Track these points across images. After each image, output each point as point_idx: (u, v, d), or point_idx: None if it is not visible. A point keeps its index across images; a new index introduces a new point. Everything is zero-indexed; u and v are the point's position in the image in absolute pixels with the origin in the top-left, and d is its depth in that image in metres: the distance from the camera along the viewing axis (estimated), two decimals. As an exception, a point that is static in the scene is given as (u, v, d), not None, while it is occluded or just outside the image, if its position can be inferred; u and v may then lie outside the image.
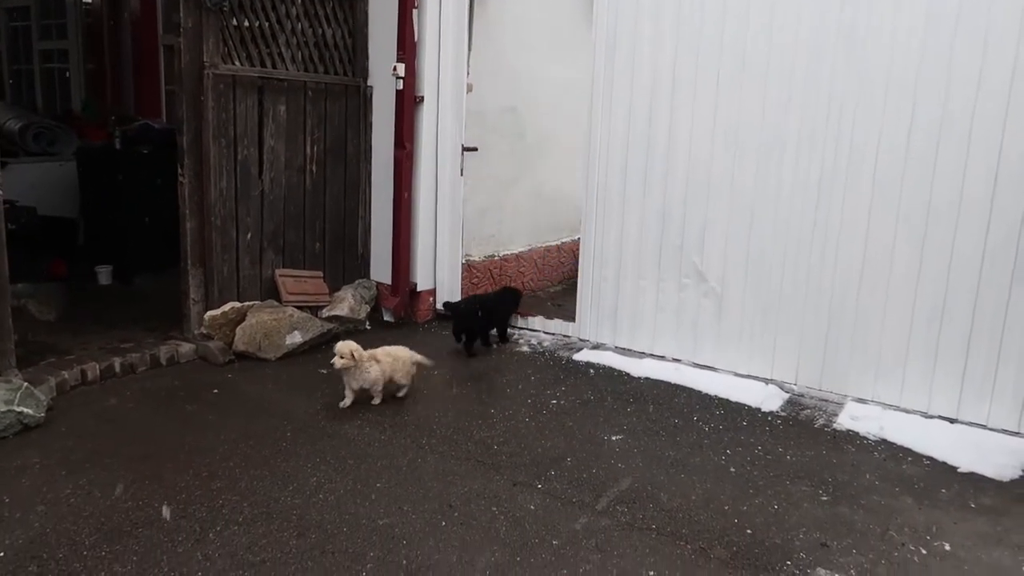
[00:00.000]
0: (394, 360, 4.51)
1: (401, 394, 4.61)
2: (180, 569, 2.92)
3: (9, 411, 3.87)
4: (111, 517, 3.24)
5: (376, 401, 4.49)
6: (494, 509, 3.43)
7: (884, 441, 4.23)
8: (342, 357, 4.28)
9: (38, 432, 3.97)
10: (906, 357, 4.52)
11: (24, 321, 5.18)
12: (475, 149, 6.16)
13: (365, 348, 4.42)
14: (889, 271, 4.51)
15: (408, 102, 5.83)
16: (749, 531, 3.33)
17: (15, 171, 6.79)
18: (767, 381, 4.91)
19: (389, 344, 4.61)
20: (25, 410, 3.93)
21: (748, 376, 5.00)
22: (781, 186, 4.81)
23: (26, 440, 3.88)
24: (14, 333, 4.40)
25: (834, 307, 4.72)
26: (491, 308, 5.68)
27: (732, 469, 3.88)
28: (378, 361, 4.43)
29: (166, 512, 3.27)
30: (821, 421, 4.47)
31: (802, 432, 4.33)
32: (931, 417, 4.42)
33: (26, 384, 4.09)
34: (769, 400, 4.68)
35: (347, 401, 4.44)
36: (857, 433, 4.32)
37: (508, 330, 5.84)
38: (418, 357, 4.66)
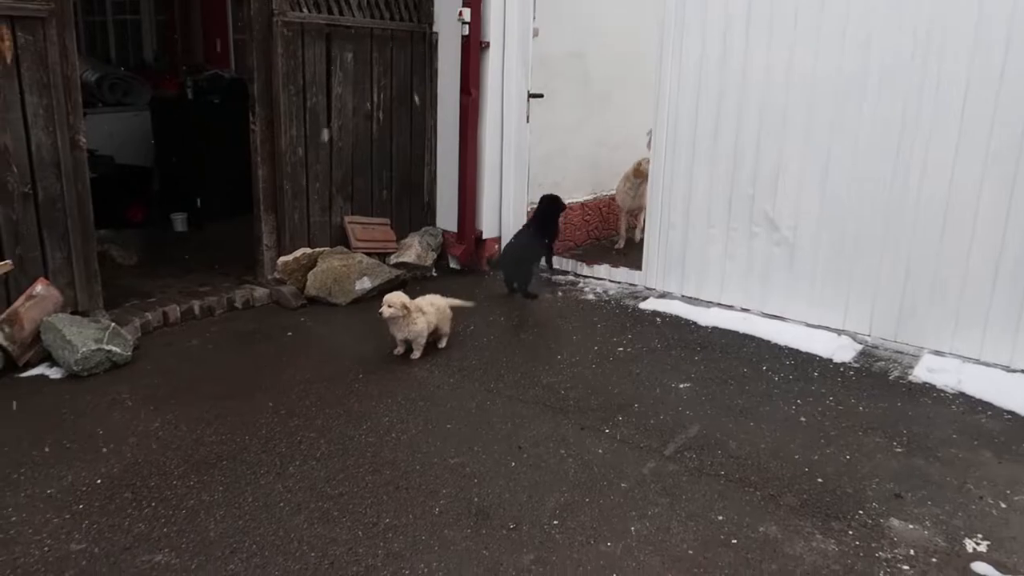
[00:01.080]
0: (438, 310, 4.46)
1: (442, 344, 4.58)
2: (263, 500, 3.05)
3: (99, 349, 4.06)
4: (197, 450, 3.40)
5: (416, 355, 4.40)
6: (562, 452, 3.47)
7: (962, 394, 4.11)
8: (391, 307, 4.26)
9: (126, 370, 4.16)
10: (989, 308, 4.35)
11: (107, 265, 5.39)
12: (541, 95, 6.09)
13: (429, 295, 4.48)
14: (974, 217, 4.32)
15: (474, 48, 5.77)
16: (820, 480, 3.30)
17: (93, 121, 6.97)
18: (839, 332, 4.81)
19: (449, 292, 4.65)
20: (113, 348, 4.12)
21: (819, 326, 4.89)
22: (859, 130, 4.63)
23: (115, 377, 4.08)
24: (100, 276, 4.60)
25: (913, 256, 4.56)
26: (522, 251, 5.62)
27: (802, 419, 3.84)
28: (424, 312, 4.38)
29: None
30: (896, 373, 4.36)
31: (876, 384, 4.24)
32: (1014, 371, 4.27)
33: (113, 324, 4.29)
34: (841, 351, 4.58)
35: (400, 349, 4.49)
36: (934, 386, 4.20)
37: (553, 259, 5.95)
38: (456, 302, 4.63)
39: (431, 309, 4.44)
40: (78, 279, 4.47)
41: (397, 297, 4.33)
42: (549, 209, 5.70)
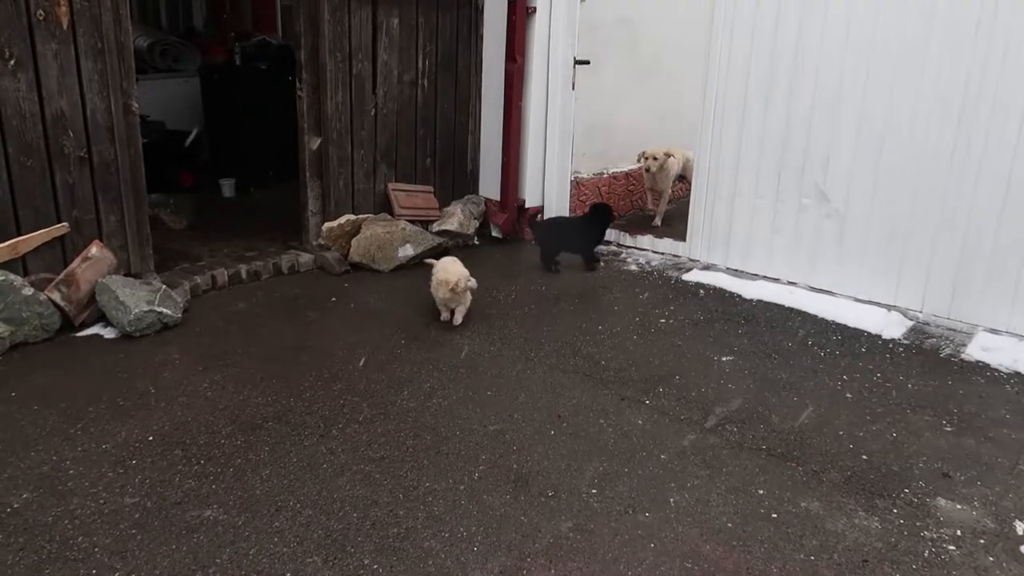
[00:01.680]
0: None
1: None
2: (307, 460, 3.12)
3: (151, 311, 4.17)
4: (244, 410, 3.48)
5: (458, 320, 4.45)
6: (602, 422, 3.47)
7: (1018, 374, 3.99)
8: (458, 291, 4.31)
9: (176, 331, 4.27)
10: (1049, 286, 4.20)
11: (158, 229, 5.50)
12: (587, 62, 6.00)
13: (473, 263, 4.49)
14: (1037, 193, 4.16)
15: (520, 13, 5.69)
16: (865, 457, 3.24)
17: (144, 87, 7.06)
18: (889, 308, 4.69)
19: (491, 261, 4.63)
20: (164, 310, 4.22)
21: (869, 302, 4.79)
22: (918, 103, 4.46)
23: (166, 338, 4.19)
24: (151, 240, 4.71)
25: (970, 232, 4.41)
26: (568, 234, 5.60)
27: (848, 395, 3.77)
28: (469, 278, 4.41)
29: None
30: (948, 350, 4.25)
31: (926, 361, 4.14)
32: (1072, 351, 4.13)
33: (164, 287, 4.39)
34: (891, 327, 4.48)
35: (446, 315, 4.51)
36: (988, 364, 4.09)
37: (597, 259, 5.64)
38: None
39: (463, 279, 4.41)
40: (131, 242, 4.57)
41: (461, 270, 4.36)
42: (600, 216, 5.60)
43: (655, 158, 6.29)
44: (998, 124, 4.22)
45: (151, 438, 3.24)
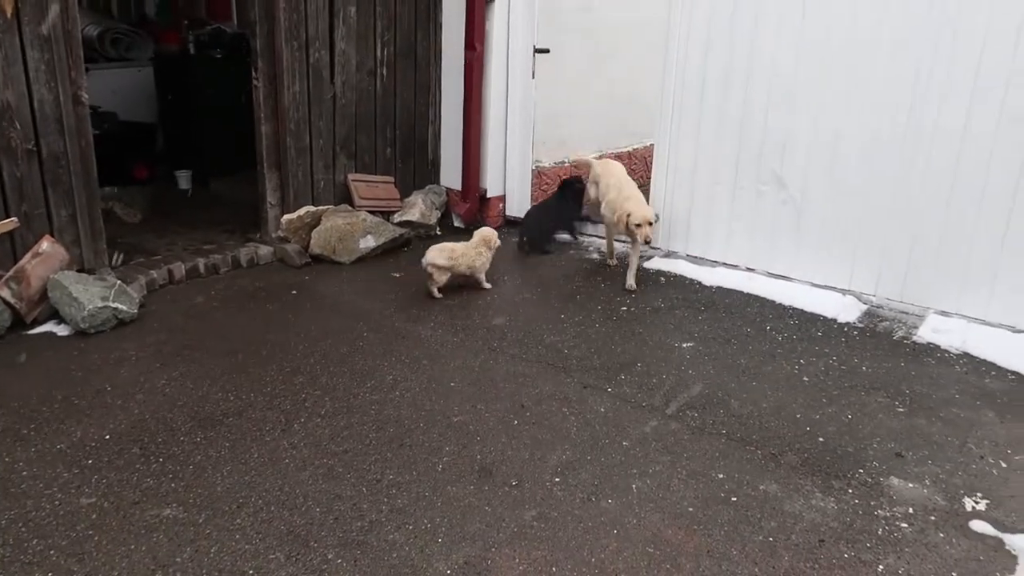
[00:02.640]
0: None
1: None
2: (269, 456, 3.09)
3: (106, 307, 4.08)
4: (203, 406, 3.44)
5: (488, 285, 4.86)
6: (565, 410, 3.50)
7: (967, 355, 4.11)
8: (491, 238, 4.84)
9: (132, 327, 4.19)
10: (996, 269, 4.32)
11: (112, 223, 5.39)
12: (547, 51, 5.99)
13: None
14: (985, 179, 4.26)
15: (479, 1, 5.66)
16: (821, 439, 3.32)
17: (95, 77, 6.91)
18: (844, 292, 4.79)
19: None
20: (120, 306, 4.14)
21: (825, 287, 4.88)
22: (871, 90, 4.54)
23: (122, 334, 4.11)
24: (104, 234, 4.61)
25: (922, 216, 4.51)
26: (554, 215, 5.78)
27: (805, 378, 3.85)
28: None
29: None
30: (900, 333, 4.36)
31: (880, 344, 4.24)
32: (1019, 332, 4.26)
33: (119, 282, 4.30)
34: (846, 311, 4.57)
35: (436, 293, 4.72)
36: (938, 346, 4.20)
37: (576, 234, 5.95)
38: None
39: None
40: (83, 236, 4.47)
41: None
42: (573, 190, 5.79)
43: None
44: (948, 106, 4.31)
45: (107, 437, 3.18)
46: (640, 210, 4.87)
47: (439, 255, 4.65)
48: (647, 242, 4.89)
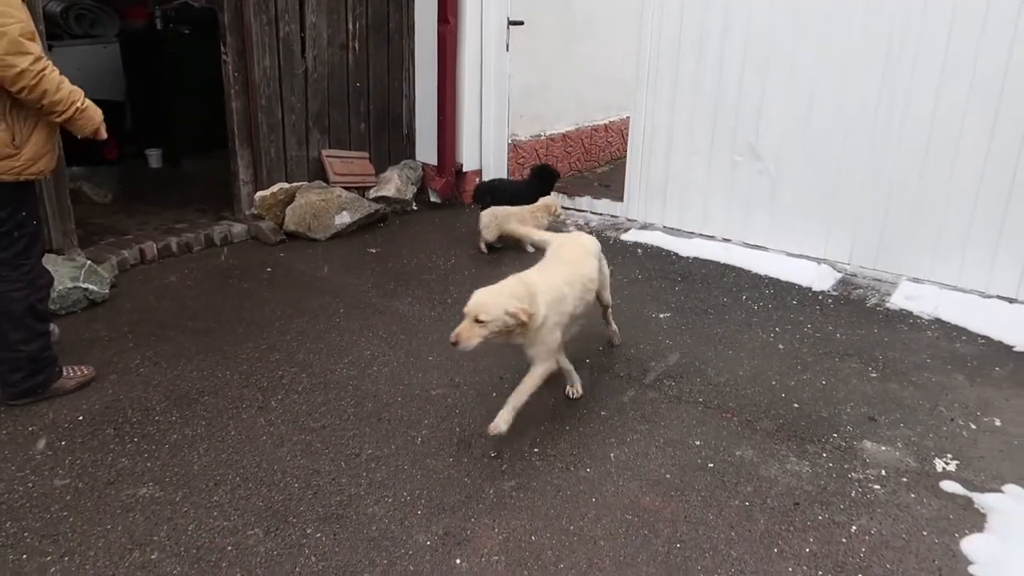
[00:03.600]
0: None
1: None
2: (246, 433, 3.07)
3: (76, 287, 4.02)
4: (179, 385, 3.40)
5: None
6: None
7: (938, 320, 4.16)
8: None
9: (104, 308, 4.13)
10: (967, 236, 4.38)
11: (81, 203, 5.29)
12: (521, 23, 5.93)
13: (412, 229, 4.49)
14: (956, 146, 4.30)
15: (451, -28, 5.59)
16: (796, 405, 3.36)
17: (60, 54, 6.75)
18: (819, 261, 4.83)
19: (429, 226, 4.65)
20: (90, 287, 4.08)
21: (800, 256, 4.92)
22: (845, 59, 4.56)
23: (93, 315, 4.05)
24: (73, 214, 4.52)
25: (895, 185, 4.55)
26: (515, 196, 5.41)
27: (780, 346, 3.88)
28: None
29: None
30: (874, 300, 4.41)
31: (854, 311, 4.28)
32: (989, 297, 4.33)
33: (89, 262, 4.23)
34: (821, 279, 4.61)
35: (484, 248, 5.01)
36: (911, 312, 4.26)
37: None
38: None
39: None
40: (51, 217, 4.37)
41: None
42: (545, 178, 5.58)
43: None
44: (920, 75, 4.34)
45: (81, 418, 3.14)
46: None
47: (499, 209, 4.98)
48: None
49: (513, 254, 5.12)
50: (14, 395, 3.17)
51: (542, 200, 5.09)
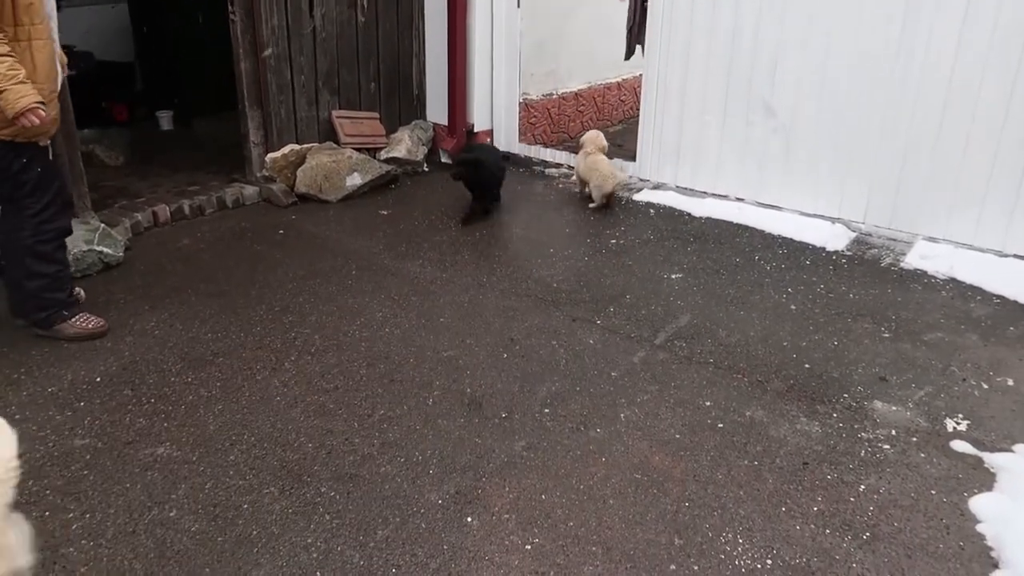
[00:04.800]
0: (593, 171, 5.12)
1: (592, 204, 5.16)
2: (260, 394, 3.12)
3: (90, 250, 4.05)
4: (194, 347, 3.45)
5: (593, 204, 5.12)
6: (554, 343, 3.52)
7: (953, 280, 4.13)
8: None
9: (119, 270, 4.17)
10: (985, 194, 4.31)
11: (93, 166, 5.31)
12: (532, -22, 5.82)
13: (423, 190, 4.47)
14: (975, 103, 4.21)
15: (460, -74, 5.47)
16: (807, 365, 3.36)
17: (69, 15, 6.66)
18: (833, 220, 4.78)
19: (440, 187, 4.65)
20: (105, 249, 4.11)
21: (814, 215, 4.86)
22: (862, 11, 4.44)
23: (108, 277, 4.09)
24: (85, 177, 4.53)
25: (911, 143, 4.47)
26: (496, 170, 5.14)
27: (792, 307, 3.87)
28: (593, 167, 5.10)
29: None
30: (888, 260, 4.37)
31: (867, 271, 4.25)
32: (1006, 256, 4.27)
33: (103, 225, 4.26)
34: (835, 239, 4.57)
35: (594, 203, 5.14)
36: (925, 272, 4.22)
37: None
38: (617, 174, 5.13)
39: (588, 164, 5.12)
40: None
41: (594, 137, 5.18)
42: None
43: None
44: (940, 26, 4.22)
45: (99, 379, 3.19)
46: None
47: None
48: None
49: (519, 217, 5.11)
50: (25, 319, 3.50)
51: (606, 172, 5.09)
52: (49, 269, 3.40)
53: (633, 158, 5.66)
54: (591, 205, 5.13)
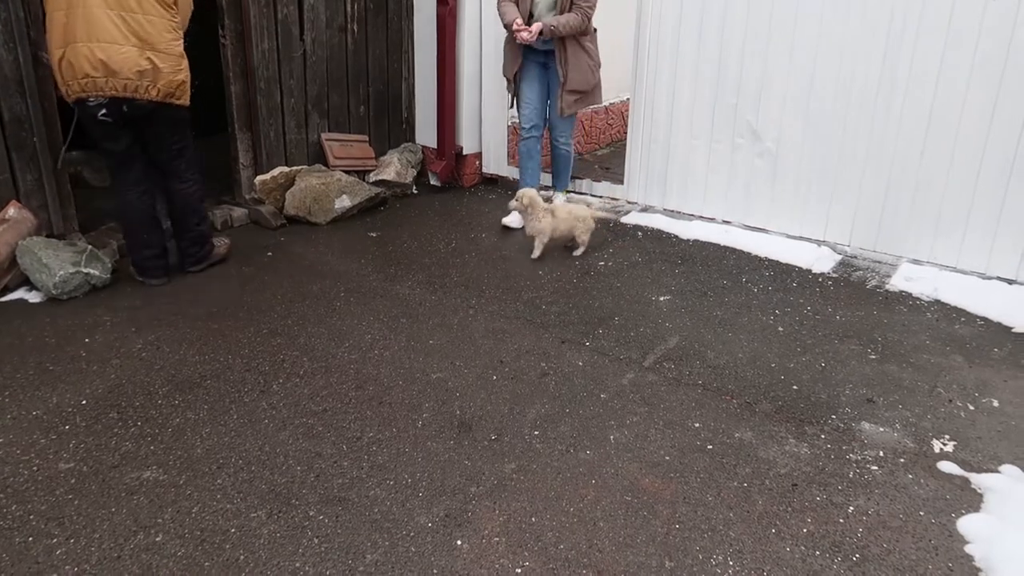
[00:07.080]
0: (573, 218, 4.72)
1: (577, 252, 4.79)
2: (248, 417, 3.09)
3: (77, 272, 4.03)
4: (181, 370, 3.42)
5: (535, 254, 4.72)
6: (543, 365, 3.52)
7: (938, 302, 4.17)
8: (517, 200, 4.64)
9: (105, 292, 4.14)
10: (968, 217, 4.37)
11: (81, 188, 5.29)
12: (520, 3, 5.88)
13: (412, 213, 4.45)
14: (957, 127, 4.29)
15: (450, -47, 5.54)
16: (795, 387, 3.37)
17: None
18: (819, 243, 4.83)
19: (429, 210, 4.63)
20: (92, 271, 4.09)
21: (800, 238, 4.91)
22: (845, 39, 4.52)
23: (95, 299, 4.07)
24: (73, 199, 4.52)
25: (895, 165, 4.54)
26: None
27: (780, 328, 3.89)
28: (553, 216, 4.64)
29: None
30: (873, 282, 4.41)
31: (853, 293, 4.29)
32: (989, 278, 4.33)
33: (90, 247, 4.24)
34: (821, 261, 4.62)
35: (535, 253, 4.72)
36: (910, 294, 4.26)
37: None
38: (599, 213, 4.94)
39: (564, 215, 4.69)
40: (51, 201, 4.39)
41: (526, 193, 4.66)
42: None
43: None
44: (922, 51, 4.30)
45: (84, 402, 3.16)
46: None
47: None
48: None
49: (507, 240, 5.13)
50: (195, 262, 4.36)
51: (577, 215, 4.75)
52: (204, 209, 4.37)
53: (621, 181, 5.70)
54: (577, 252, 4.77)
